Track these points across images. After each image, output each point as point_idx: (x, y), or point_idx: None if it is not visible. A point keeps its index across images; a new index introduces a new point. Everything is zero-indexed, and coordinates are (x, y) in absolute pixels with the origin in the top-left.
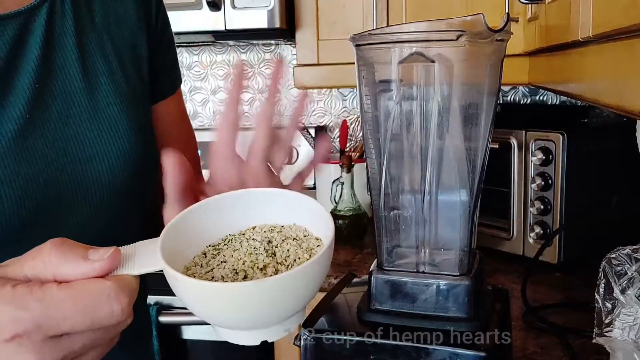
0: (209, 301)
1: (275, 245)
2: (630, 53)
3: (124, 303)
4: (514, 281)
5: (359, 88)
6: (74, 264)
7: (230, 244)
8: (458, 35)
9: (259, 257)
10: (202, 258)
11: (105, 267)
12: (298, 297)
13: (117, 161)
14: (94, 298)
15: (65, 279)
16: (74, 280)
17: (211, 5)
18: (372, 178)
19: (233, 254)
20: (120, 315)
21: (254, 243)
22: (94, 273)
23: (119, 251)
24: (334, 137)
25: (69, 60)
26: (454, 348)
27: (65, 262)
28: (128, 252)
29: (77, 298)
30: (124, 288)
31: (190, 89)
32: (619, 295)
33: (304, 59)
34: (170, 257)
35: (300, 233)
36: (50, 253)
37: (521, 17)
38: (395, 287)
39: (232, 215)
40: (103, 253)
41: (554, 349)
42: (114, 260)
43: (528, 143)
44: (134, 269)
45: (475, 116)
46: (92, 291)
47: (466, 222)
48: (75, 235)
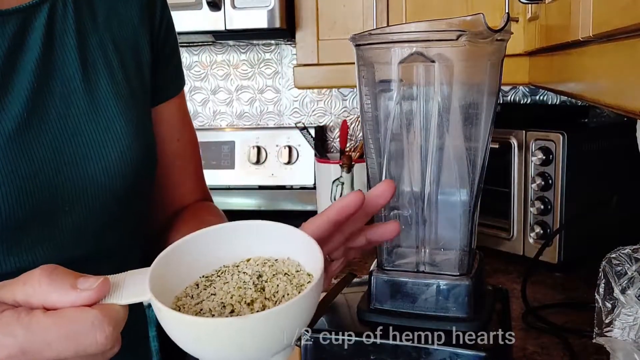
0: (191, 335)
1: (265, 280)
2: (630, 53)
3: (107, 332)
4: (514, 281)
5: (359, 88)
6: (62, 292)
7: (223, 275)
8: (458, 35)
9: (247, 292)
10: (194, 289)
11: (92, 297)
12: (283, 333)
13: (114, 163)
14: (79, 326)
15: (53, 306)
16: (61, 307)
17: (211, 5)
18: (372, 178)
19: (223, 287)
20: (104, 343)
21: (244, 277)
22: (81, 302)
23: (107, 280)
24: (334, 137)
25: (69, 61)
26: (454, 348)
27: (54, 290)
28: (117, 281)
29: (62, 325)
30: (109, 317)
31: (190, 89)
32: (619, 295)
33: (304, 59)
34: (161, 287)
35: (293, 268)
36: (40, 280)
37: (521, 17)
38: (395, 287)
39: (228, 246)
40: (92, 282)
41: (554, 349)
42: (102, 290)
43: (528, 143)
44: (121, 299)
45: (475, 116)
46: (77, 319)
47: (466, 222)
48: (72, 235)
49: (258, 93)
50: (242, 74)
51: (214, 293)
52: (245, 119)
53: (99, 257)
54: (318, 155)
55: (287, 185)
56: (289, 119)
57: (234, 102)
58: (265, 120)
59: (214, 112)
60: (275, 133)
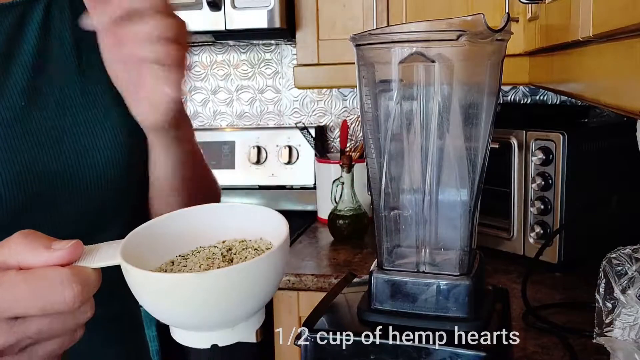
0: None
1: (234, 252)
2: (630, 53)
3: (76, 290)
4: (514, 281)
5: (359, 88)
6: (36, 252)
7: (198, 254)
8: (458, 35)
9: (215, 262)
10: (169, 265)
11: (64, 256)
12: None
13: (110, 152)
14: (47, 282)
15: (27, 266)
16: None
17: (211, 5)
18: (372, 178)
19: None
20: (71, 302)
21: (214, 249)
22: (54, 261)
23: (80, 244)
24: (334, 137)
25: (65, 53)
26: (454, 348)
27: (29, 250)
28: (91, 249)
29: (31, 281)
30: (79, 277)
31: (190, 89)
32: (619, 295)
33: (304, 59)
34: (136, 259)
35: (264, 245)
36: (16, 242)
37: (521, 17)
38: (395, 287)
39: (207, 227)
40: (65, 244)
41: (554, 349)
42: (74, 251)
43: (528, 143)
44: (93, 263)
45: (475, 116)
46: (46, 276)
47: (466, 222)
48: (70, 222)
49: (258, 93)
50: (242, 74)
51: (185, 266)
52: (245, 119)
53: None
54: (318, 155)
55: (287, 185)
56: (289, 119)
57: (234, 102)
58: (265, 120)
59: (214, 112)
60: (276, 133)
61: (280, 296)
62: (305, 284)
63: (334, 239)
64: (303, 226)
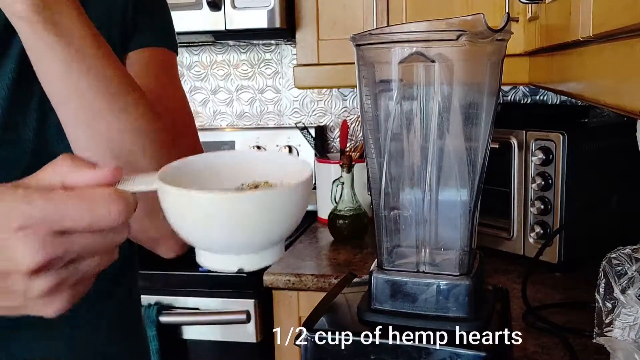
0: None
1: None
2: (630, 53)
3: (121, 206)
4: (514, 281)
5: (359, 88)
6: (80, 172)
7: None
8: (458, 35)
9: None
10: None
11: (108, 176)
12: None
13: None
14: (96, 199)
15: (72, 185)
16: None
17: (211, 5)
18: (372, 178)
19: None
20: (117, 217)
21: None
22: (97, 180)
23: (120, 168)
24: (334, 137)
25: None
26: (454, 348)
27: (74, 170)
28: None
29: (80, 197)
30: (122, 196)
31: (190, 89)
32: (619, 295)
33: (304, 59)
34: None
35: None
36: (62, 163)
37: (521, 17)
38: (395, 287)
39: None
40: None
41: (554, 349)
42: (116, 172)
43: (528, 143)
44: (133, 187)
45: (475, 116)
46: (94, 193)
47: (466, 222)
48: None
49: (258, 93)
50: (242, 74)
51: None
52: (245, 119)
53: None
54: (318, 155)
55: None
56: (289, 119)
57: (234, 102)
58: (265, 120)
59: (214, 112)
60: (276, 133)
61: (280, 296)
62: (305, 284)
63: (334, 239)
64: (303, 226)
